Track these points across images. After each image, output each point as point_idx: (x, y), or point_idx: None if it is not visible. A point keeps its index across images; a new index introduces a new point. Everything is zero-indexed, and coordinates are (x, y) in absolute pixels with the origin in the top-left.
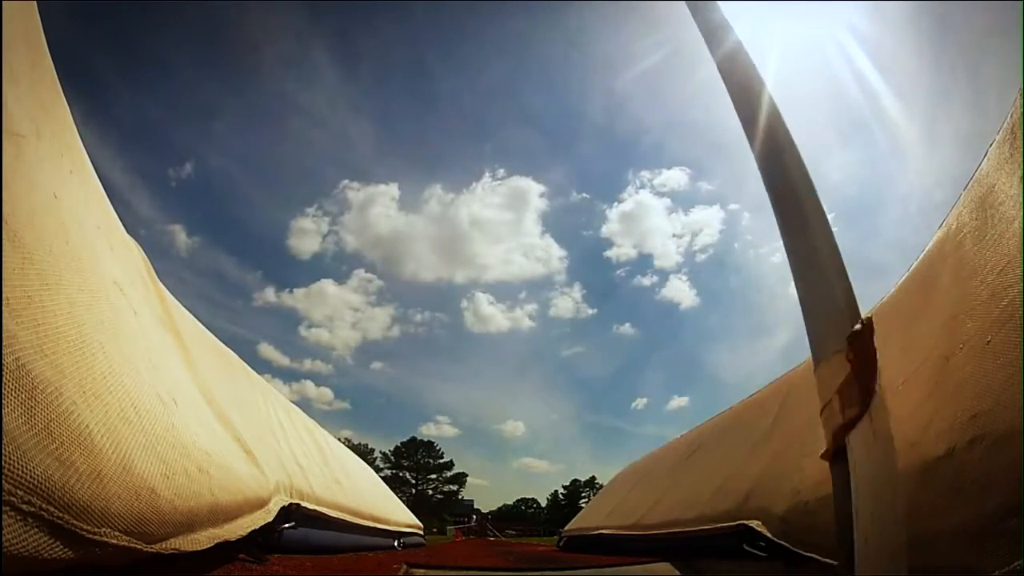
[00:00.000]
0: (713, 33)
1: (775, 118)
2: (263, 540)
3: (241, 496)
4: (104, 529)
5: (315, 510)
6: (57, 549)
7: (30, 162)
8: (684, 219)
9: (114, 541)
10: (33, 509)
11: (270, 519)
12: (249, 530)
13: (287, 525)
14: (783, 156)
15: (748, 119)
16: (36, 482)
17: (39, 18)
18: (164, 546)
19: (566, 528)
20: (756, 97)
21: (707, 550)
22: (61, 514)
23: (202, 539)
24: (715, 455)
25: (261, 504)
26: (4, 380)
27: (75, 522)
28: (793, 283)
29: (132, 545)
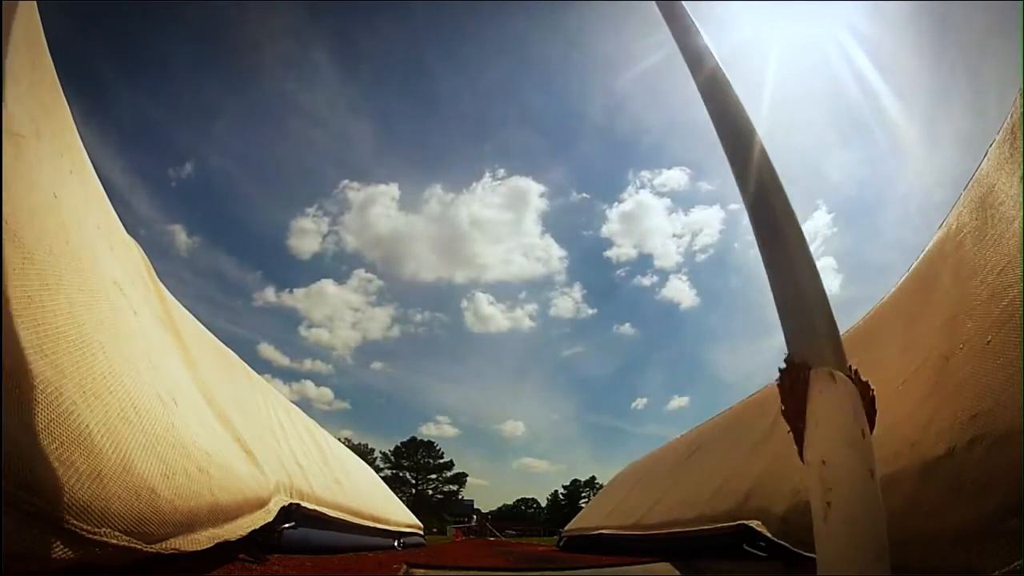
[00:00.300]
0: (695, 59)
1: (761, 154)
2: (263, 540)
3: (241, 496)
4: (104, 529)
5: (315, 510)
6: (57, 549)
7: (30, 162)
8: (684, 219)
9: (114, 541)
10: (33, 509)
11: (270, 519)
12: (249, 530)
13: (287, 525)
14: (768, 192)
15: (732, 150)
16: (36, 482)
17: (39, 18)
18: (164, 546)
19: (566, 528)
20: (743, 133)
21: (707, 550)
22: (61, 514)
23: (202, 539)
24: (715, 455)
25: (261, 504)
26: (4, 380)
27: (75, 522)
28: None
29: (132, 545)
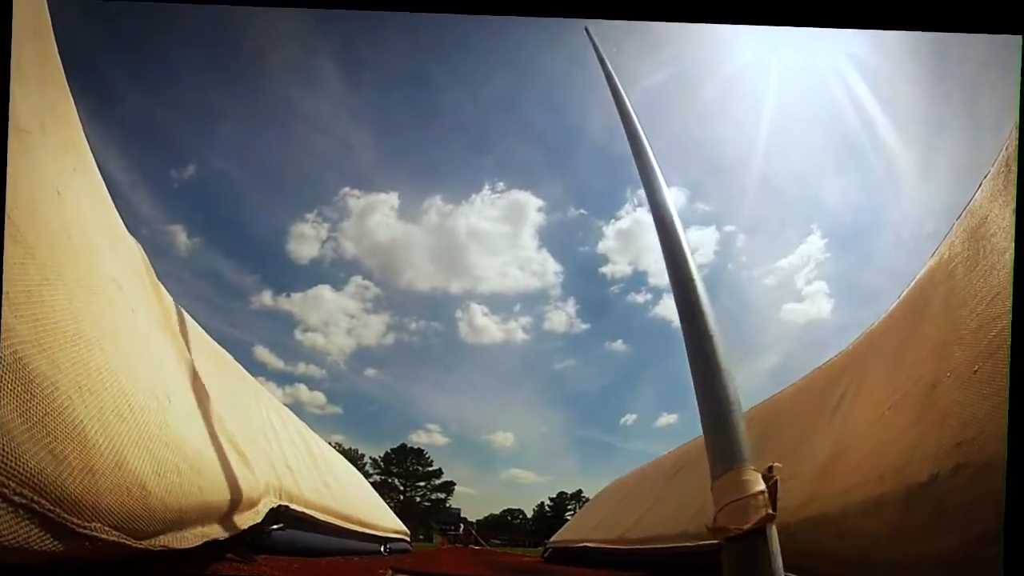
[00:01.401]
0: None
1: (694, 292)
2: (251, 540)
3: (231, 496)
4: (95, 524)
5: (303, 512)
6: (47, 541)
7: (34, 158)
8: None
9: (104, 536)
10: (25, 501)
11: (259, 520)
12: (238, 530)
13: (275, 526)
14: (699, 321)
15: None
16: (29, 475)
17: (48, 14)
18: (153, 543)
19: (551, 540)
20: (685, 268)
21: (689, 566)
22: (53, 507)
23: (191, 537)
24: (701, 473)
25: (250, 505)
26: (1, 374)
27: (66, 516)
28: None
29: (122, 540)
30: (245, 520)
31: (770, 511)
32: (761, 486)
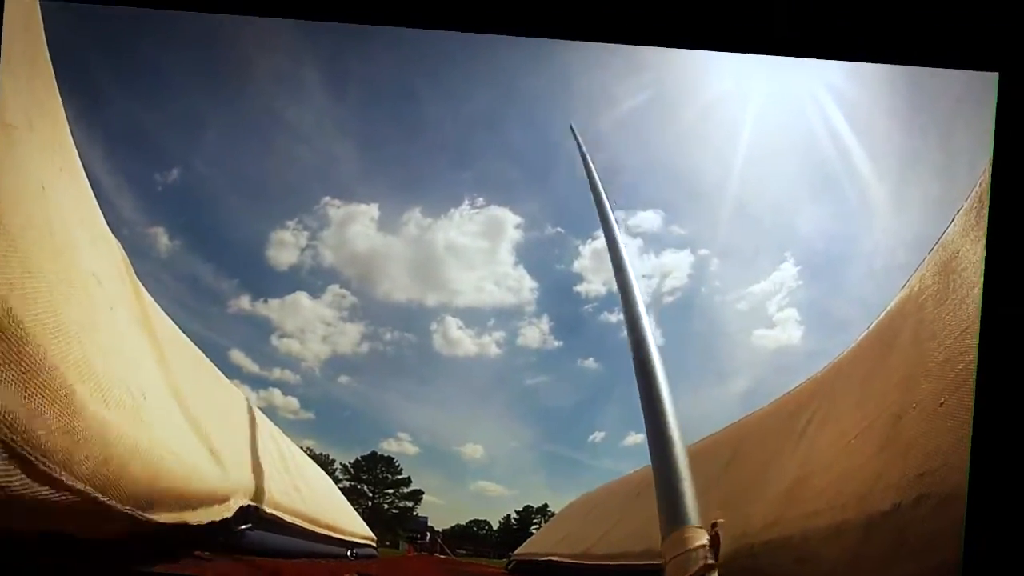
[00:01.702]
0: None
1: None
2: (223, 540)
3: (201, 491)
4: (67, 473)
5: (272, 514)
6: (15, 479)
7: (20, 153)
8: (654, 261)
9: (80, 486)
10: (13, 444)
11: (228, 515)
12: (206, 521)
13: (244, 526)
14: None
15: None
16: (17, 422)
17: (40, 12)
18: (122, 506)
19: (516, 552)
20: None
21: None
22: (25, 445)
23: (160, 517)
24: None
25: (220, 501)
26: None
27: (40, 456)
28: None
29: (88, 492)
30: (214, 514)
31: (709, 561)
32: (703, 540)
